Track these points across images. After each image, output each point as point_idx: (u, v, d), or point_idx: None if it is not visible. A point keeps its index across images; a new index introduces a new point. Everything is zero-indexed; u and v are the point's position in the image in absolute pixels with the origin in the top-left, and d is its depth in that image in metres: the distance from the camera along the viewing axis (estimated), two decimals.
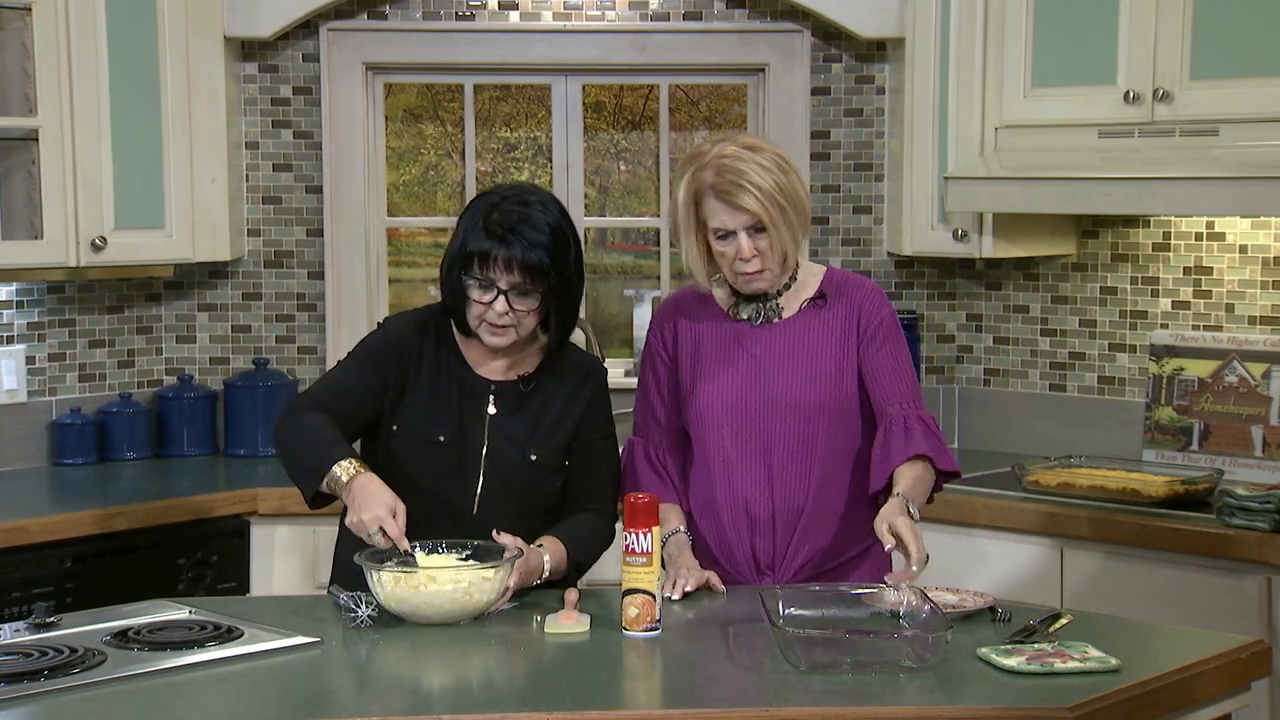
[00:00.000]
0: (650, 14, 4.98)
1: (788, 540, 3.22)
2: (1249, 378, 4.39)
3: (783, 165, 3.15)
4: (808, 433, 3.21)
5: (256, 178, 4.99)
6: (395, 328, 3.29)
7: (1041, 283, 4.86)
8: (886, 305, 3.29)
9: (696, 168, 3.17)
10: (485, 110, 5.20)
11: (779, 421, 3.22)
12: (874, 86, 5.01)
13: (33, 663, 2.65)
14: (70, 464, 4.68)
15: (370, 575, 2.93)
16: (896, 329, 3.28)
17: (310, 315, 5.03)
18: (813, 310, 3.26)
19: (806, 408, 3.21)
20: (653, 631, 2.85)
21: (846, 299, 3.26)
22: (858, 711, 2.48)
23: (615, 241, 5.37)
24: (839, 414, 3.23)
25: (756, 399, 3.23)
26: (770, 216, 3.12)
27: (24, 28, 4.34)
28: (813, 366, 3.23)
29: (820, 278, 3.29)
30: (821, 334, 3.25)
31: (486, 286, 3.13)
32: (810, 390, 3.22)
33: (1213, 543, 3.83)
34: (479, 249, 3.12)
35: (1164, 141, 4.15)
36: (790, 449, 3.22)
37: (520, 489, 3.22)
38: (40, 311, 4.73)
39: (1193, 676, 2.68)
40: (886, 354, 3.24)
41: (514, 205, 3.14)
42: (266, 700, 2.58)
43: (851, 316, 3.25)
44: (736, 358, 3.26)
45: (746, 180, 3.10)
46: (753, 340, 3.26)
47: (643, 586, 2.85)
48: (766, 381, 3.23)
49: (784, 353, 3.24)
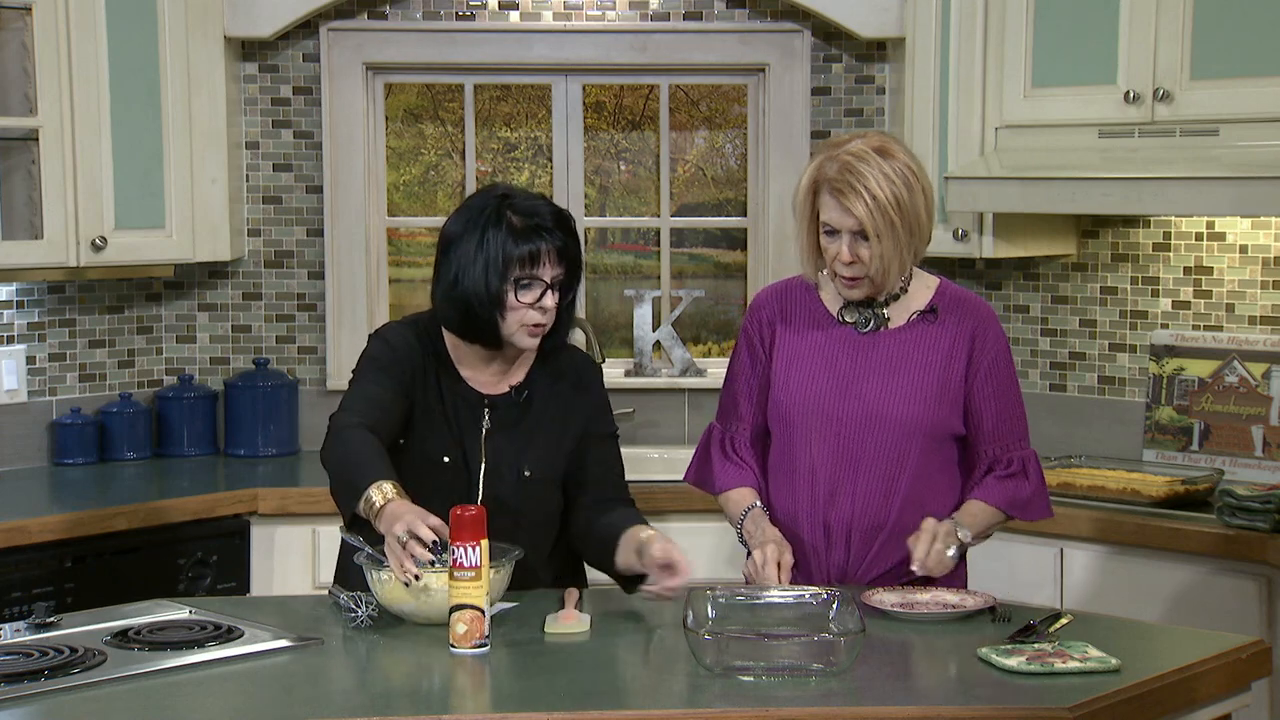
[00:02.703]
0: (650, 14, 4.98)
1: (864, 556, 3.15)
2: (1249, 378, 4.39)
3: (909, 179, 3.04)
4: (900, 449, 3.12)
5: (257, 178, 4.99)
6: (396, 338, 3.21)
7: (1041, 283, 4.86)
8: (1002, 336, 3.20)
9: (825, 157, 3.08)
10: (485, 110, 5.20)
11: (870, 434, 3.13)
12: (874, 86, 5.02)
13: (33, 663, 2.65)
14: (70, 464, 4.68)
15: (370, 575, 2.93)
16: (1009, 363, 3.20)
17: (310, 315, 5.03)
18: (921, 324, 3.17)
19: (901, 424, 3.12)
20: (481, 648, 2.75)
21: (959, 319, 3.17)
22: (858, 711, 2.48)
23: (615, 241, 5.37)
24: (933, 435, 3.14)
25: (850, 408, 3.14)
26: (877, 228, 3.02)
27: (24, 28, 4.34)
28: (914, 383, 3.13)
29: (933, 291, 3.19)
30: (928, 351, 3.15)
31: (531, 285, 3.08)
32: (908, 407, 3.12)
33: (1213, 543, 3.83)
34: (526, 250, 3.06)
35: (1164, 141, 4.15)
36: (879, 464, 3.13)
37: (518, 505, 3.18)
38: (40, 311, 4.73)
39: (1193, 676, 2.68)
40: (997, 390, 3.16)
41: (522, 201, 3.11)
42: (266, 700, 2.58)
43: (962, 339, 3.16)
44: (835, 362, 3.16)
45: (864, 185, 3.01)
46: (854, 347, 3.16)
47: (471, 602, 2.75)
48: (863, 391, 3.13)
49: (885, 364, 3.14)
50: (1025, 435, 3.22)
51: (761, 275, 5.02)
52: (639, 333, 5.06)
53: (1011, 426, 3.19)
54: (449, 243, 3.15)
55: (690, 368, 5.02)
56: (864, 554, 3.16)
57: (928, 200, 3.08)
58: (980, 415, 3.17)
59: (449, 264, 3.13)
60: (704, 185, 5.36)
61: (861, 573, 3.17)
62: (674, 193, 5.22)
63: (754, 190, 5.10)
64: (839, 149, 3.07)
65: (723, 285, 5.25)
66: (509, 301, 3.08)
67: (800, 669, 2.61)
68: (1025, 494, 3.19)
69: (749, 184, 5.13)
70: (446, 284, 3.13)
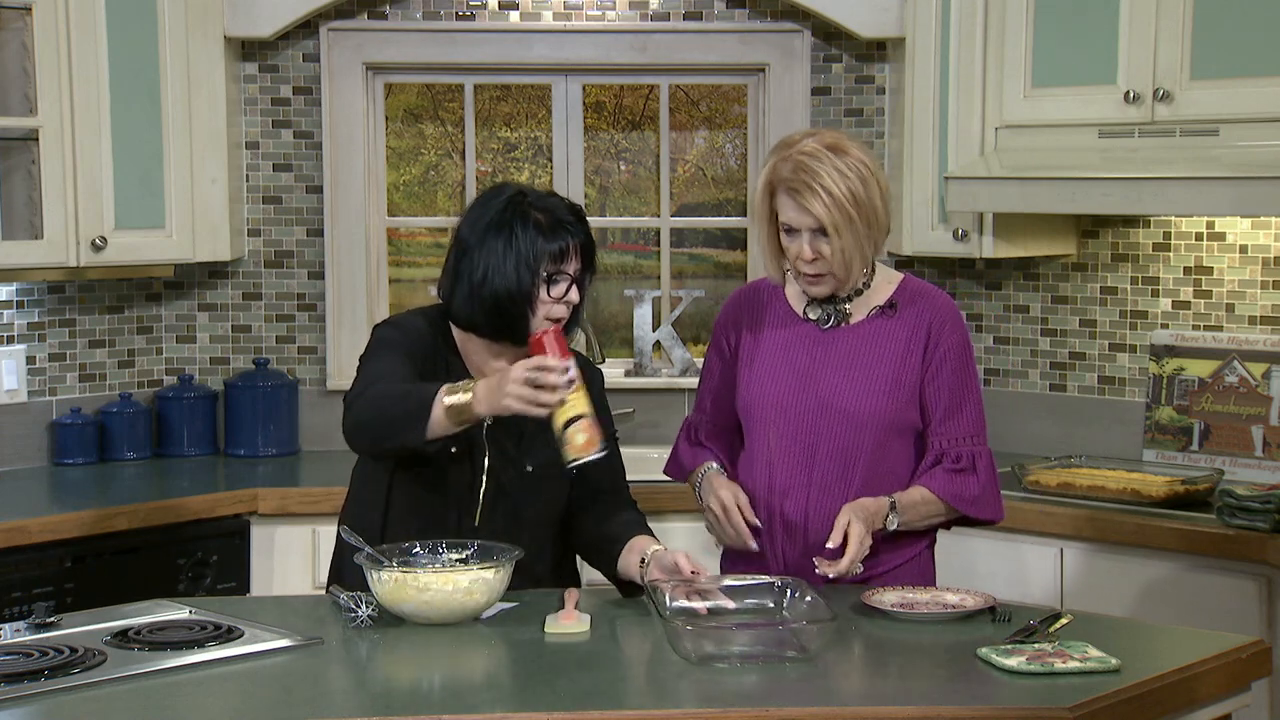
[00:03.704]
0: (650, 14, 4.98)
1: (820, 546, 3.13)
2: (1249, 378, 4.39)
3: (864, 174, 3.07)
4: (854, 442, 3.15)
5: (257, 178, 4.99)
6: (407, 323, 3.22)
7: (1042, 283, 4.86)
8: (959, 328, 3.21)
9: (778, 158, 3.12)
10: (485, 110, 5.20)
11: (826, 427, 3.16)
12: (874, 86, 5.02)
13: (33, 663, 2.65)
14: (70, 464, 4.69)
15: (370, 575, 2.93)
16: (966, 355, 3.21)
17: (310, 315, 5.03)
18: (880, 319, 3.20)
19: (856, 416, 3.15)
20: (601, 453, 2.92)
21: (917, 311, 3.19)
22: (858, 711, 2.48)
23: (615, 241, 5.37)
24: (888, 428, 3.16)
25: (807, 401, 3.17)
26: (835, 223, 3.05)
27: (24, 28, 4.34)
28: (869, 376, 3.16)
29: (895, 286, 3.22)
30: (885, 344, 3.18)
31: (559, 279, 3.12)
32: (863, 400, 3.15)
33: (1213, 543, 3.83)
34: (556, 246, 3.10)
35: (1164, 141, 4.15)
36: (834, 456, 3.16)
37: (520, 500, 3.20)
38: (40, 311, 4.73)
39: (1193, 676, 2.68)
40: (949, 379, 3.17)
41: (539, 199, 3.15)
42: (266, 700, 2.58)
43: (919, 332, 3.18)
44: (795, 357, 3.20)
45: (819, 183, 3.04)
46: (814, 342, 3.20)
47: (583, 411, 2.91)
48: (819, 385, 3.17)
49: (843, 358, 3.18)
50: (980, 433, 3.21)
51: (761, 275, 5.01)
52: (639, 333, 5.06)
53: (963, 420, 3.19)
54: (470, 243, 3.15)
55: (690, 368, 5.02)
56: (819, 544, 3.14)
57: (883, 192, 3.11)
58: (932, 406, 3.18)
59: (473, 263, 3.13)
60: (704, 185, 5.36)
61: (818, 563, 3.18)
62: (674, 193, 5.22)
63: (754, 190, 5.09)
64: (791, 149, 3.11)
65: (723, 285, 5.25)
66: (540, 296, 3.11)
67: (774, 657, 2.67)
68: (973, 491, 3.17)
69: (749, 184, 5.13)
70: (472, 283, 3.12)
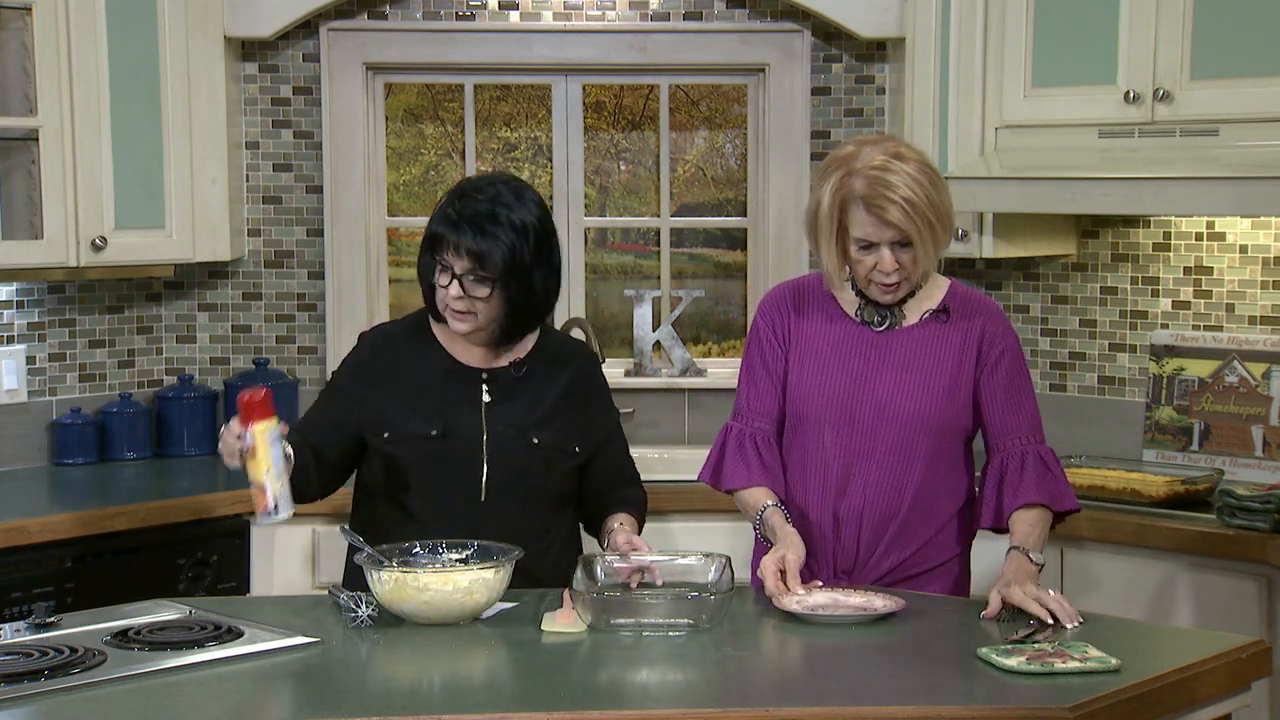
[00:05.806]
0: (650, 14, 4.98)
1: (872, 549, 3.19)
2: (1249, 378, 4.39)
3: (932, 178, 3.09)
4: (910, 444, 3.17)
5: (257, 178, 4.99)
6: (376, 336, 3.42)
7: (1041, 283, 4.86)
8: (1011, 332, 3.24)
9: (845, 173, 3.09)
10: (485, 110, 5.20)
11: (882, 429, 3.17)
12: (874, 86, 5.01)
13: (33, 663, 2.65)
14: (70, 464, 4.68)
15: (370, 575, 2.93)
16: (1019, 357, 3.24)
17: (310, 315, 5.03)
18: (934, 323, 3.21)
19: (913, 419, 3.16)
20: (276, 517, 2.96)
21: (969, 318, 3.21)
22: (858, 711, 2.48)
23: (615, 241, 5.37)
24: (944, 431, 3.19)
25: (863, 403, 3.18)
26: (918, 232, 3.06)
27: (24, 28, 4.34)
28: (926, 380, 3.18)
29: (944, 291, 3.24)
30: (940, 349, 3.19)
31: (444, 270, 3.20)
32: (920, 402, 3.16)
33: (1213, 543, 3.83)
34: (435, 232, 3.21)
35: (1164, 141, 4.15)
36: (890, 458, 3.17)
37: (527, 474, 3.25)
38: (40, 311, 4.73)
39: (1193, 676, 2.68)
40: (1006, 382, 3.20)
41: (482, 194, 3.20)
42: (266, 700, 2.58)
43: (972, 337, 3.20)
44: (849, 359, 3.20)
45: (898, 194, 3.04)
46: (869, 344, 3.21)
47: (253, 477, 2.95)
48: (876, 387, 3.18)
49: (899, 361, 3.19)
50: (1039, 430, 3.25)
51: (761, 275, 5.02)
52: (639, 333, 5.06)
53: (1022, 420, 3.22)
54: None
55: (690, 368, 5.02)
56: (873, 547, 3.20)
57: (948, 192, 3.14)
58: (990, 408, 3.20)
59: None
60: (704, 185, 5.36)
61: (873, 564, 3.20)
62: (674, 193, 5.22)
63: (754, 190, 5.10)
64: (856, 162, 3.09)
65: (723, 285, 5.25)
66: (435, 279, 3.22)
67: (673, 626, 2.84)
68: (1060, 487, 3.22)
69: (749, 184, 5.13)
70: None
